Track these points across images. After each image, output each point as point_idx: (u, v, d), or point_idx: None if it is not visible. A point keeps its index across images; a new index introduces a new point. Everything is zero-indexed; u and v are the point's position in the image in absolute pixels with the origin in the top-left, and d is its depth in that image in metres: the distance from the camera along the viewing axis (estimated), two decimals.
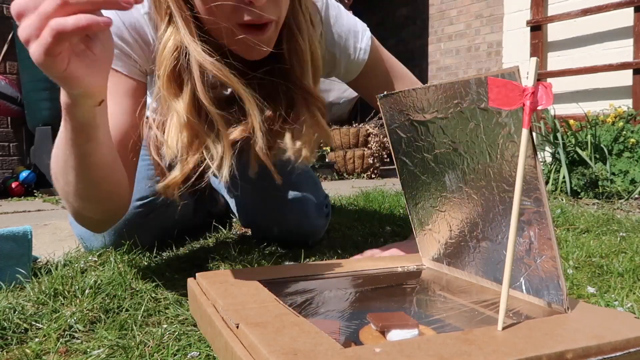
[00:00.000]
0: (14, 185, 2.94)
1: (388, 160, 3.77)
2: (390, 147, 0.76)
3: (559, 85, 3.36)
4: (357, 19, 1.03)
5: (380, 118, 3.69)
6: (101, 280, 0.82)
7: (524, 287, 0.59)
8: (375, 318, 0.55)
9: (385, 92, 0.74)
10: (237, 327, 0.51)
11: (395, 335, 0.52)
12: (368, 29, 1.04)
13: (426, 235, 0.77)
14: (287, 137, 0.87)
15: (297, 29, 0.83)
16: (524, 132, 0.50)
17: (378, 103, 0.75)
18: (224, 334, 0.51)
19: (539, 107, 0.49)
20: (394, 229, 1.33)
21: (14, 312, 0.69)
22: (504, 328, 0.49)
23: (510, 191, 0.57)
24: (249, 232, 1.33)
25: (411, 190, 0.76)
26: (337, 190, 2.17)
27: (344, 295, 0.69)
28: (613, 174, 2.28)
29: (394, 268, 0.77)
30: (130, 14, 0.82)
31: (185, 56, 0.77)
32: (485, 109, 0.56)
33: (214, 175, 0.82)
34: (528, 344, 0.46)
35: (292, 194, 1.13)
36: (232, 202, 1.31)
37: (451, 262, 0.73)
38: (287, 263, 0.98)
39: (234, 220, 1.44)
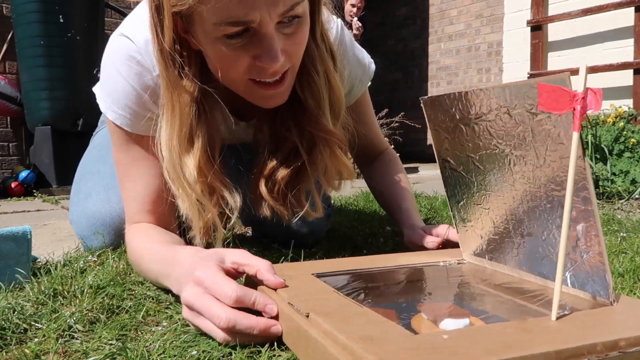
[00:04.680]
0: (13, 185, 2.94)
1: None
2: (433, 147, 0.78)
3: None
4: (364, 50, 1.05)
5: (380, 118, 3.69)
6: (101, 280, 0.82)
7: (569, 281, 0.62)
8: (426, 308, 0.58)
9: (429, 96, 0.75)
10: (307, 316, 0.53)
11: (447, 324, 0.53)
12: (373, 62, 1.06)
13: (468, 231, 0.79)
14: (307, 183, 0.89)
15: (309, 61, 0.82)
16: (575, 135, 0.52)
17: (422, 105, 0.77)
18: (296, 318, 0.54)
19: (588, 112, 0.52)
20: (394, 229, 1.33)
21: (14, 312, 0.68)
22: (557, 318, 0.52)
23: (557, 190, 0.60)
24: (249, 232, 1.33)
25: (453, 189, 0.79)
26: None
27: (389, 288, 0.72)
28: (614, 174, 2.28)
29: (436, 262, 0.80)
30: (143, 77, 0.82)
31: (196, 113, 0.78)
32: (534, 113, 0.59)
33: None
34: (583, 332, 0.48)
35: None
36: None
37: (493, 257, 0.75)
38: (286, 262, 0.98)
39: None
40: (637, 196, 2.13)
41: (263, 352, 0.56)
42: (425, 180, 3.35)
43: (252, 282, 0.66)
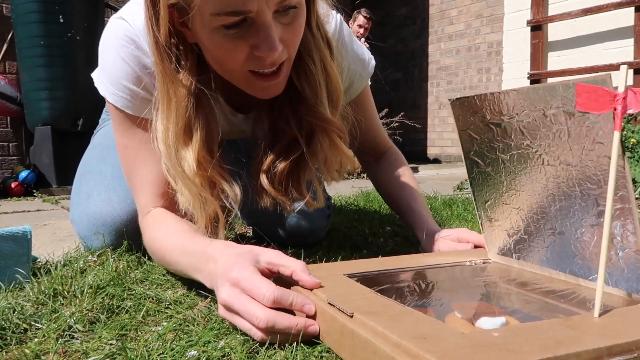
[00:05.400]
0: (13, 185, 2.94)
1: None
2: (461, 148, 0.79)
3: None
4: (363, 46, 1.05)
5: (380, 118, 3.69)
6: (101, 280, 0.82)
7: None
8: (460, 307, 0.58)
9: (457, 96, 0.76)
10: (352, 316, 0.53)
11: (484, 322, 0.53)
12: (373, 57, 1.05)
13: (494, 230, 0.80)
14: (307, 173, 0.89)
15: (305, 50, 0.82)
16: (616, 134, 0.53)
17: (450, 106, 0.77)
18: (339, 317, 0.54)
19: (629, 111, 0.52)
20: (394, 229, 1.33)
21: (14, 312, 0.69)
22: (599, 315, 0.52)
23: (593, 189, 0.60)
24: (249, 232, 1.33)
25: (481, 189, 0.79)
26: (337, 190, 2.17)
27: (421, 288, 0.72)
28: None
29: (462, 262, 0.80)
30: (141, 59, 0.82)
31: (194, 105, 0.78)
32: (570, 113, 0.59)
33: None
34: (629, 328, 0.48)
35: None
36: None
37: (521, 256, 0.76)
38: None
39: (234, 220, 1.44)
40: (637, 196, 2.13)
41: (262, 352, 0.56)
42: (425, 180, 3.35)
43: (281, 280, 0.66)
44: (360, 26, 4.49)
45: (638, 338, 0.46)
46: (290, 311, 0.60)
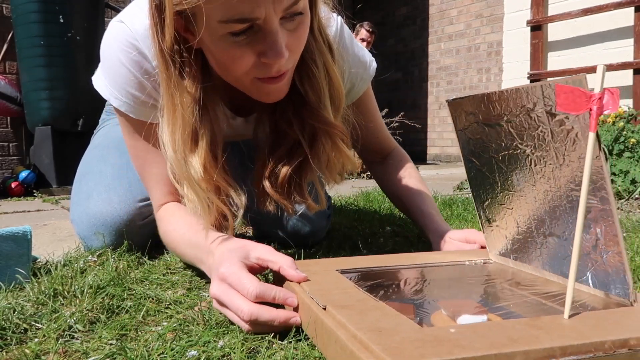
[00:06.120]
0: (13, 185, 2.94)
1: None
2: (459, 148, 0.80)
3: None
4: (364, 49, 1.05)
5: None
6: (101, 280, 0.82)
7: (590, 282, 0.62)
8: (446, 304, 0.59)
9: (454, 97, 0.76)
10: (325, 309, 0.56)
11: (465, 319, 0.55)
12: (374, 59, 1.06)
13: (493, 231, 0.80)
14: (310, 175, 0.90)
15: (307, 54, 0.82)
16: (591, 135, 0.53)
17: (448, 106, 0.78)
18: (314, 309, 0.58)
19: (606, 112, 0.52)
20: (394, 229, 1.33)
21: (14, 312, 0.69)
22: (570, 316, 0.52)
23: (577, 190, 0.61)
24: (250, 232, 1.33)
25: (478, 189, 0.80)
26: (337, 190, 2.17)
27: (414, 285, 0.74)
28: (614, 174, 2.28)
29: (462, 262, 0.81)
30: (142, 64, 0.83)
31: (199, 112, 0.78)
32: (553, 114, 0.60)
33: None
34: (593, 330, 0.48)
35: None
36: None
37: (518, 257, 0.76)
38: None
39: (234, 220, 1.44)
40: (637, 196, 2.12)
41: (262, 352, 0.56)
42: (425, 181, 3.35)
43: (279, 274, 0.69)
44: (363, 40, 4.49)
45: (599, 340, 0.46)
46: (280, 305, 0.64)
